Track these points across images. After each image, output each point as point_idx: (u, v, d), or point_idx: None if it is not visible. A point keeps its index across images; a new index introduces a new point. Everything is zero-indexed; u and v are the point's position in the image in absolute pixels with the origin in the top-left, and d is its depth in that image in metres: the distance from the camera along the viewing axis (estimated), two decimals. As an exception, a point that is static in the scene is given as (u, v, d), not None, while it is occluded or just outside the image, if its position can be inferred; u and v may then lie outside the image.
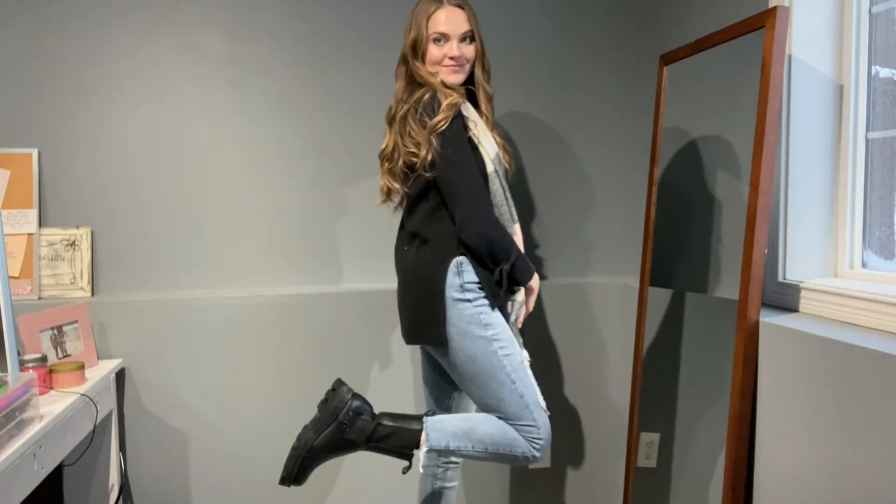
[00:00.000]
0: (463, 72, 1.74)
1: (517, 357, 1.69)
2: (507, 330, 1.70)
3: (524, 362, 1.71)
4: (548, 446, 1.69)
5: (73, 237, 2.14)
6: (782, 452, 1.52)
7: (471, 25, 1.73)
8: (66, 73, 2.13)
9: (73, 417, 1.73)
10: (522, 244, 1.77)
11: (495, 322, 1.67)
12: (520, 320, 1.76)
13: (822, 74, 1.65)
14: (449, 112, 1.64)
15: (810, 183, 1.67)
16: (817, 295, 1.60)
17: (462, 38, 1.72)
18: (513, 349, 1.68)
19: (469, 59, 1.74)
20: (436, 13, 1.72)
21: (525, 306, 1.76)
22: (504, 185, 1.73)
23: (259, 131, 2.23)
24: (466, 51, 1.73)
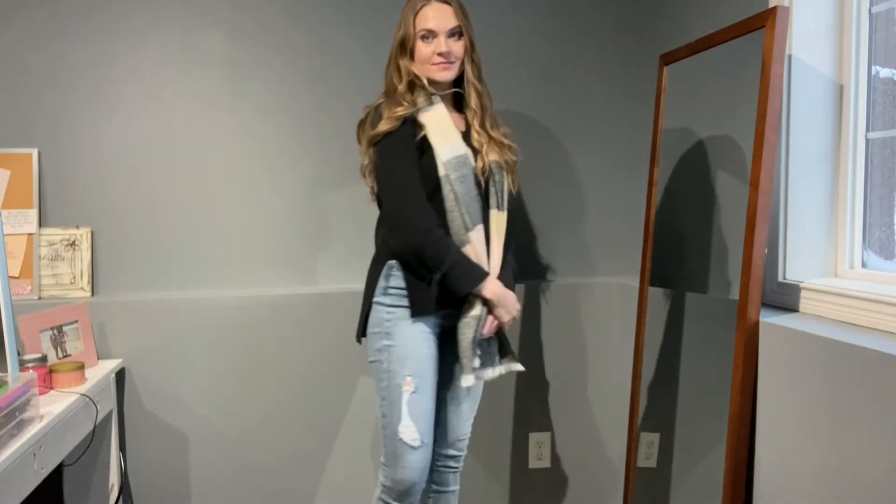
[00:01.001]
0: (453, 69, 1.72)
1: (397, 378, 1.68)
2: (410, 348, 1.68)
3: (405, 387, 1.67)
4: (398, 481, 1.70)
5: (73, 237, 2.14)
6: (782, 452, 1.52)
7: (459, 21, 1.71)
8: (67, 73, 2.13)
9: (73, 417, 1.72)
10: (481, 250, 1.69)
11: (398, 334, 1.69)
12: (486, 331, 1.69)
13: (822, 74, 1.65)
14: (388, 123, 1.67)
15: (810, 183, 1.67)
16: (817, 295, 1.60)
17: (450, 34, 1.70)
18: (399, 368, 1.67)
19: (458, 55, 1.72)
20: (423, 9, 1.71)
21: (496, 320, 1.70)
22: (460, 189, 1.66)
23: (259, 131, 2.23)
24: (455, 47, 1.71)
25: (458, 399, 1.83)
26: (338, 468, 2.23)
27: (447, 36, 1.70)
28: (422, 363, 1.70)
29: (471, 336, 1.67)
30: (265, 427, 2.20)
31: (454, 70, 1.73)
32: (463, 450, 1.87)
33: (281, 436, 2.22)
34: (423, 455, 1.70)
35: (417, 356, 1.69)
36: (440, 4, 1.71)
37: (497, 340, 1.77)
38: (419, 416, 1.68)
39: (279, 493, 2.23)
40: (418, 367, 1.69)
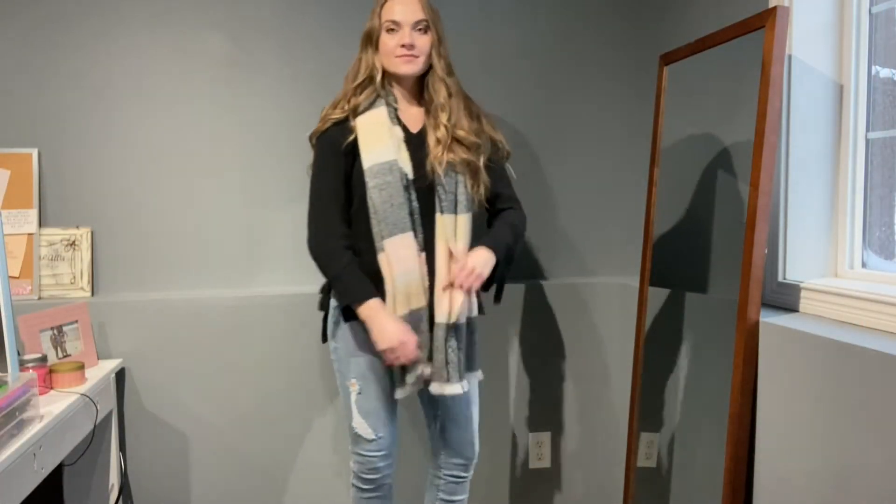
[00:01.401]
0: (417, 63, 1.69)
1: (345, 379, 1.77)
2: (352, 352, 1.73)
3: (351, 388, 1.75)
4: (362, 468, 1.78)
5: (73, 237, 2.13)
6: (782, 452, 1.52)
7: (425, 15, 1.69)
8: (67, 73, 2.13)
9: (73, 417, 1.72)
10: (398, 259, 1.65)
11: (340, 337, 1.76)
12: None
13: (822, 74, 1.65)
14: (321, 125, 1.73)
15: (810, 183, 1.67)
16: (817, 295, 1.60)
17: (415, 27, 1.68)
18: (345, 370, 1.76)
19: (423, 49, 1.70)
20: (389, 2, 1.70)
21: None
22: (377, 197, 1.65)
23: (259, 132, 2.23)
24: (420, 41, 1.69)
25: (445, 406, 1.80)
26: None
27: (412, 28, 1.68)
28: (364, 367, 1.74)
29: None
30: (265, 427, 2.20)
31: (418, 64, 1.70)
32: (470, 457, 1.85)
33: (282, 436, 2.22)
34: (380, 445, 1.76)
35: (359, 360, 1.74)
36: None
37: (459, 354, 1.69)
38: (368, 414, 1.75)
39: (279, 492, 2.23)
40: (361, 371, 1.74)
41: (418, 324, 1.68)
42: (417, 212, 1.69)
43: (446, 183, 1.69)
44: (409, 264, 1.67)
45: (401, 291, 1.67)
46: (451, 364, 1.69)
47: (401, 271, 1.66)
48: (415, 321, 1.67)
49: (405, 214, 1.67)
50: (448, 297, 1.67)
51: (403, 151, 1.70)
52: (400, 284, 1.67)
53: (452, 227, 1.70)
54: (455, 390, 1.69)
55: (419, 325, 1.68)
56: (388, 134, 1.69)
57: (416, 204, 1.69)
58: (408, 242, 1.67)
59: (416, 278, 1.67)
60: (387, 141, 1.68)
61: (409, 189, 1.68)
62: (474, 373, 1.79)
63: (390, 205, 1.66)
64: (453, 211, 1.70)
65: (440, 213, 1.70)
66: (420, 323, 1.68)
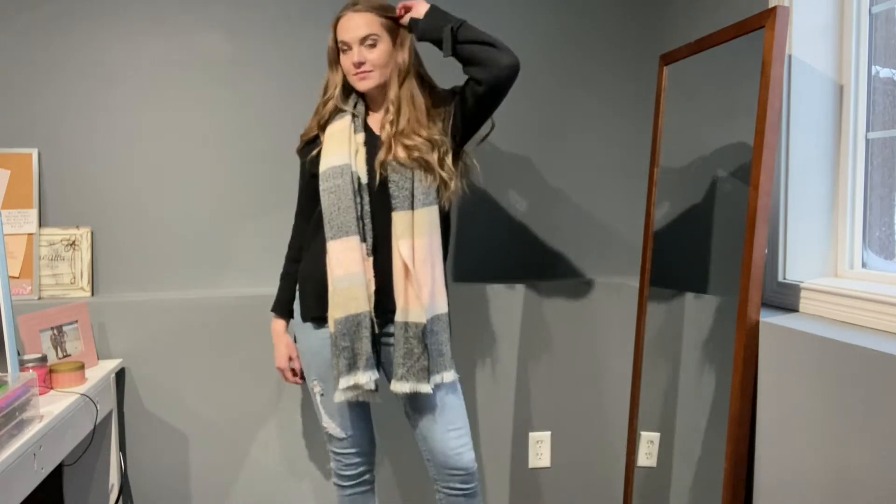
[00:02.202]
0: (371, 77, 1.67)
1: (308, 380, 1.81)
2: (311, 353, 1.77)
3: (315, 389, 1.79)
4: (337, 465, 1.83)
5: (73, 237, 2.13)
6: (782, 452, 1.52)
7: (371, 29, 1.64)
8: (67, 73, 2.13)
9: (73, 417, 1.72)
10: (338, 261, 1.64)
11: (301, 339, 1.80)
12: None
13: (822, 74, 1.65)
14: (300, 143, 1.82)
15: (810, 183, 1.67)
16: (817, 295, 1.60)
17: (363, 43, 1.65)
18: (307, 370, 1.81)
19: (376, 63, 1.66)
20: (339, 22, 1.69)
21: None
22: (326, 201, 1.67)
23: (259, 131, 2.23)
24: (370, 56, 1.65)
25: (416, 414, 1.72)
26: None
27: (360, 45, 1.65)
28: (324, 368, 1.75)
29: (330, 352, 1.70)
30: (266, 427, 2.20)
31: (373, 78, 1.67)
32: (462, 468, 1.70)
33: (282, 436, 2.22)
34: (353, 442, 1.79)
35: (319, 361, 1.75)
36: (352, 14, 1.66)
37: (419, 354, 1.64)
38: (334, 414, 1.78)
39: (279, 492, 2.23)
40: (321, 372, 1.76)
41: (357, 330, 1.64)
42: (369, 215, 1.67)
43: (398, 180, 1.65)
44: (352, 268, 1.64)
45: (340, 295, 1.64)
46: (406, 364, 1.64)
47: (342, 275, 1.64)
48: (351, 327, 1.64)
49: (351, 218, 1.65)
50: (403, 295, 1.64)
51: (361, 155, 1.69)
52: (340, 288, 1.64)
53: (409, 224, 1.65)
54: (403, 389, 1.63)
55: (358, 331, 1.64)
56: (347, 140, 1.69)
57: (367, 207, 1.67)
58: (350, 245, 1.65)
59: (358, 283, 1.64)
60: (344, 146, 1.69)
61: (362, 192, 1.67)
62: (440, 374, 1.67)
63: (337, 208, 1.66)
64: (409, 207, 1.65)
65: (394, 210, 1.66)
66: (359, 329, 1.64)
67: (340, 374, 1.66)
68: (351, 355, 1.66)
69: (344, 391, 1.66)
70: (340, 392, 1.67)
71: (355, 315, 1.65)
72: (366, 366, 1.66)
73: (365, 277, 1.66)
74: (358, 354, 1.65)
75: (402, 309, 1.65)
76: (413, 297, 1.64)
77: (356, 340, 1.65)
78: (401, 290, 1.65)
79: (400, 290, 1.65)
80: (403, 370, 1.65)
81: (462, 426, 1.73)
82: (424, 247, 1.65)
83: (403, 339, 1.65)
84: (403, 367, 1.65)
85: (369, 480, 1.86)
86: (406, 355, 1.64)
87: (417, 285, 1.64)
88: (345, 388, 1.66)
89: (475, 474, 1.74)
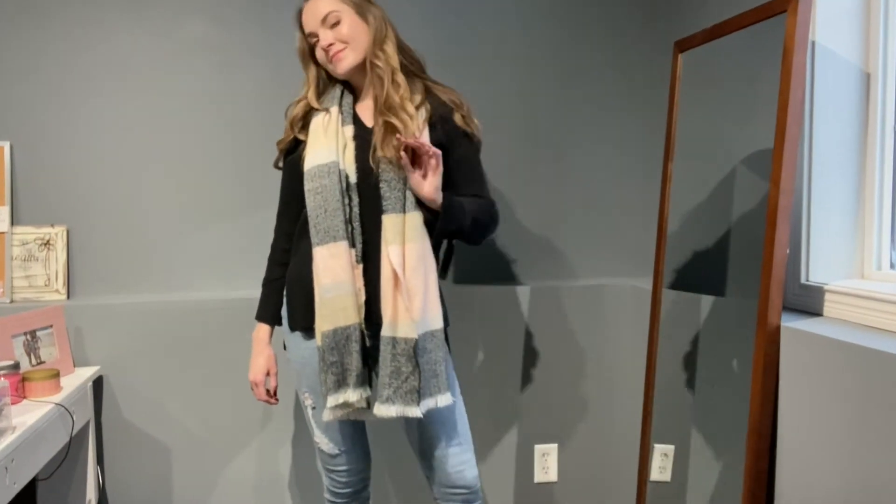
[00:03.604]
0: (346, 56, 1.64)
1: (300, 392, 1.79)
2: (301, 363, 1.73)
3: (306, 401, 1.77)
4: (331, 482, 1.82)
5: (47, 236, 2.14)
6: (805, 466, 1.52)
7: (330, 6, 1.63)
8: (40, 62, 2.13)
9: (48, 429, 1.73)
10: (325, 268, 1.61)
11: (291, 348, 1.76)
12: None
13: (847, 62, 1.66)
14: (283, 138, 1.78)
15: (835, 178, 1.67)
16: (842, 297, 1.61)
17: (325, 25, 1.64)
18: (298, 382, 1.80)
19: (345, 38, 1.63)
20: (301, 18, 1.69)
21: None
22: (311, 203, 1.63)
23: (246, 125, 2.23)
24: (337, 34, 1.63)
25: (420, 428, 1.70)
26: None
27: (323, 27, 1.64)
28: (314, 379, 1.69)
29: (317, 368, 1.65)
30: (251, 437, 2.21)
31: (349, 56, 1.64)
32: (468, 486, 1.71)
33: (270, 447, 2.23)
34: (347, 459, 1.78)
35: (309, 372, 1.71)
36: (310, 3, 1.66)
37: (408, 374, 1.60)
38: (327, 429, 1.75)
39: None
40: (311, 383, 1.72)
41: (346, 343, 1.61)
42: (358, 218, 1.64)
43: (391, 179, 1.61)
44: (339, 276, 1.60)
45: (327, 306, 1.61)
46: (392, 385, 1.58)
47: (329, 284, 1.61)
48: (339, 340, 1.60)
49: (339, 221, 1.61)
50: (392, 307, 1.59)
51: (350, 151, 1.65)
52: (327, 298, 1.61)
53: (401, 228, 1.60)
54: (388, 413, 1.57)
55: (347, 344, 1.61)
56: (334, 134, 1.65)
57: (356, 210, 1.64)
58: (338, 252, 1.61)
59: (347, 292, 1.60)
60: (331, 141, 1.65)
61: (350, 192, 1.64)
62: (433, 397, 1.61)
63: (323, 210, 1.62)
64: (401, 209, 1.61)
65: (384, 212, 1.61)
66: (348, 343, 1.61)
67: (329, 392, 1.62)
68: (340, 371, 1.61)
69: (332, 410, 1.63)
70: (329, 411, 1.63)
71: (344, 328, 1.61)
72: (356, 382, 1.62)
73: (354, 286, 1.62)
74: (347, 370, 1.61)
75: (389, 322, 1.59)
76: (402, 310, 1.59)
77: (345, 355, 1.61)
78: (389, 301, 1.59)
79: (388, 301, 1.59)
80: (389, 391, 1.58)
81: (464, 441, 1.72)
82: (416, 253, 1.61)
83: (391, 357, 1.58)
84: (389, 388, 1.58)
85: (365, 498, 1.86)
86: (393, 374, 1.58)
87: (408, 296, 1.59)
88: (333, 407, 1.62)
89: (479, 492, 1.74)
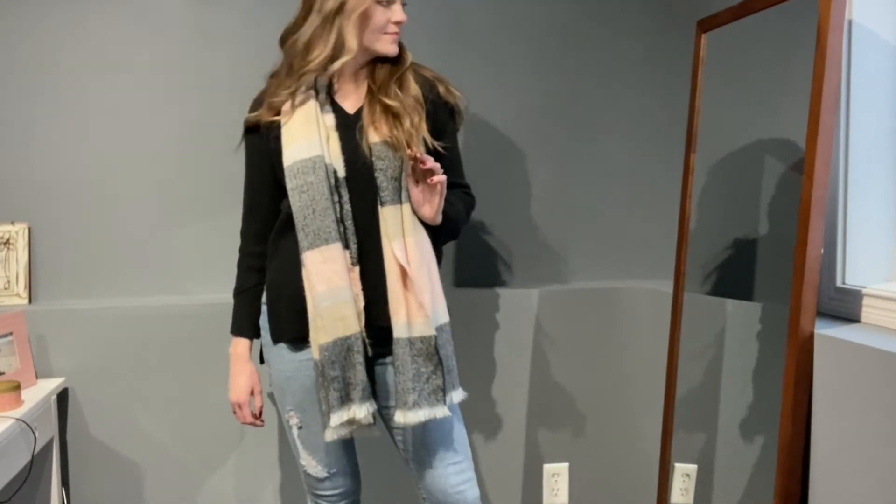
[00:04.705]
0: (397, 42, 1.66)
1: (283, 411, 1.75)
2: (286, 379, 1.71)
3: (291, 420, 1.73)
4: None
5: (6, 235, 2.13)
6: (841, 487, 1.52)
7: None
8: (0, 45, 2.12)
9: (8, 446, 1.72)
10: (319, 274, 1.59)
11: (273, 361, 1.74)
12: None
13: (887, 43, 1.66)
14: (253, 118, 1.71)
15: (874, 172, 1.67)
16: (882, 302, 1.61)
17: (404, 1, 1.65)
18: (281, 399, 1.74)
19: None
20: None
21: None
22: (297, 202, 1.60)
23: (224, 117, 2.20)
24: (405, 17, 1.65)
25: (415, 445, 1.69)
26: None
27: (402, 2, 1.65)
28: (301, 396, 1.68)
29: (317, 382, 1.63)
30: (229, 454, 2.20)
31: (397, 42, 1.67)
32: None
33: (247, 464, 2.22)
34: (336, 483, 1.76)
35: (295, 388, 1.69)
36: None
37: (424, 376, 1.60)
38: (316, 449, 1.72)
39: (249, 534, 2.23)
40: (298, 401, 1.70)
41: (347, 355, 1.59)
42: (350, 216, 1.63)
43: (385, 167, 1.61)
44: (335, 282, 1.59)
45: (324, 316, 1.58)
46: (417, 388, 1.59)
47: (324, 292, 1.58)
48: (340, 353, 1.59)
49: (330, 222, 1.59)
50: (404, 306, 1.59)
51: (334, 142, 1.63)
52: (324, 308, 1.58)
53: (399, 221, 1.61)
54: (417, 419, 1.59)
55: (350, 356, 1.59)
56: (314, 123, 1.63)
57: (348, 207, 1.62)
58: (332, 255, 1.59)
59: (345, 299, 1.59)
60: (312, 132, 1.62)
61: (340, 188, 1.62)
62: (449, 394, 1.64)
63: (311, 210, 1.59)
64: (398, 200, 1.61)
65: (381, 205, 1.61)
66: (350, 354, 1.59)
67: (332, 410, 1.59)
68: (343, 386, 1.59)
69: (337, 428, 1.60)
70: (332, 430, 1.60)
71: (345, 338, 1.59)
72: (361, 397, 1.60)
73: (352, 292, 1.60)
74: (351, 385, 1.60)
75: (403, 324, 1.60)
76: (416, 307, 1.60)
77: (348, 368, 1.59)
78: (399, 301, 1.60)
79: (398, 301, 1.60)
80: (414, 396, 1.58)
81: (464, 458, 1.71)
82: (418, 246, 1.62)
83: (410, 360, 1.59)
84: (414, 393, 1.58)
85: None
86: (415, 378, 1.59)
87: (418, 291, 1.60)
88: (338, 426, 1.60)
89: None
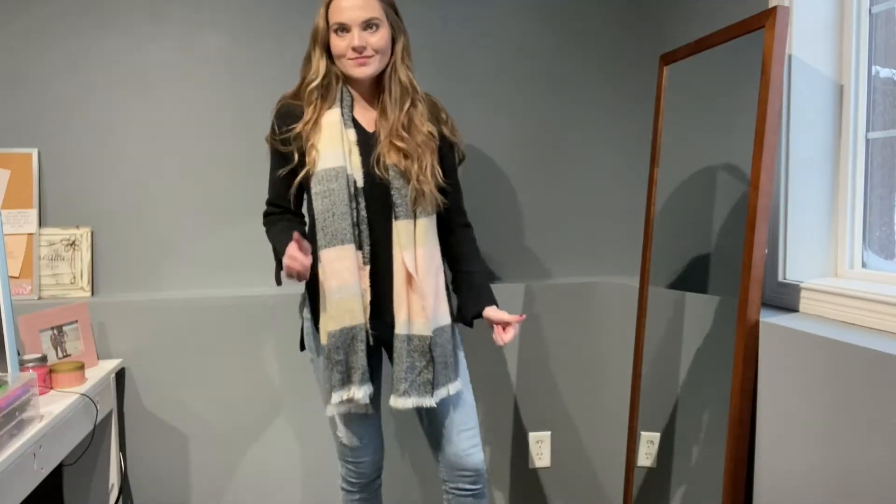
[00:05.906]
0: (371, 63, 1.58)
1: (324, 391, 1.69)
2: (320, 360, 1.68)
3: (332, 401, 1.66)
4: (349, 473, 1.80)
5: (72, 237, 2.13)
6: (782, 452, 1.52)
7: (374, 13, 1.56)
8: (66, 72, 2.13)
9: (73, 417, 1.72)
10: (332, 270, 1.57)
11: (316, 348, 1.71)
12: None
13: (822, 74, 1.65)
14: (271, 118, 1.68)
15: (810, 183, 1.67)
16: (817, 295, 1.60)
17: (365, 27, 1.56)
18: (324, 381, 1.67)
19: (377, 47, 1.58)
20: (332, 1, 1.58)
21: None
22: (319, 205, 1.58)
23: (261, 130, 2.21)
24: (372, 40, 1.56)
25: (434, 414, 1.70)
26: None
27: (362, 28, 1.56)
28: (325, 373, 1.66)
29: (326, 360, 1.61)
30: (265, 427, 2.20)
31: (373, 65, 1.59)
32: (471, 469, 1.70)
33: (282, 436, 2.22)
34: (365, 451, 1.76)
35: (323, 366, 1.66)
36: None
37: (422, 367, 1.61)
38: (350, 422, 1.72)
39: (279, 493, 2.23)
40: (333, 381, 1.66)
41: (351, 342, 1.59)
42: (365, 222, 1.60)
43: (400, 186, 1.60)
44: (346, 279, 1.58)
45: (333, 307, 1.58)
46: (408, 379, 1.60)
47: (335, 286, 1.57)
48: (345, 340, 1.58)
49: (347, 225, 1.58)
50: (406, 307, 1.60)
51: (355, 156, 1.60)
52: (335, 300, 1.58)
53: (411, 233, 1.61)
54: (405, 405, 1.60)
55: (353, 343, 1.59)
56: (339, 137, 1.60)
57: (364, 213, 1.60)
58: (345, 254, 1.58)
59: (353, 294, 1.58)
60: (337, 145, 1.59)
61: (357, 197, 1.60)
62: (445, 386, 1.65)
63: (331, 214, 1.58)
64: (412, 216, 1.61)
65: (395, 218, 1.60)
66: (353, 342, 1.59)
67: (334, 389, 1.61)
68: (345, 369, 1.60)
69: (337, 405, 1.63)
70: (332, 406, 1.63)
71: (350, 328, 1.59)
72: (360, 380, 1.61)
73: (360, 288, 1.59)
74: (353, 368, 1.60)
75: (403, 321, 1.60)
76: (417, 310, 1.60)
77: (351, 354, 1.60)
78: (402, 302, 1.60)
79: (402, 302, 1.60)
80: (406, 385, 1.60)
81: (473, 426, 1.72)
82: (427, 256, 1.62)
83: (406, 353, 1.60)
84: (405, 382, 1.60)
85: (378, 485, 1.85)
86: (408, 370, 1.60)
87: (421, 296, 1.60)
88: (338, 403, 1.62)
89: (484, 475, 1.73)
